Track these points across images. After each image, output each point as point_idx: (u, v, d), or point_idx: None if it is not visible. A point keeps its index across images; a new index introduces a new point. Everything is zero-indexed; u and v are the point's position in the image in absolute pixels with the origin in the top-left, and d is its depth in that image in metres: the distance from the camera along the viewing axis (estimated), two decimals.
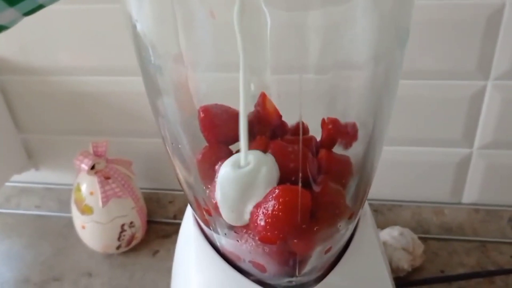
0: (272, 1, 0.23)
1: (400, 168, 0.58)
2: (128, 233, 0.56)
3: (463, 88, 0.52)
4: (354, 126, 0.30)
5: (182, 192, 0.34)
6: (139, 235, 0.59)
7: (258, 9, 0.24)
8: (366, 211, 0.34)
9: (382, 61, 0.28)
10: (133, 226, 0.57)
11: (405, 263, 0.52)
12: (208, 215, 0.28)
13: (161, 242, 0.61)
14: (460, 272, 0.54)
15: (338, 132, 0.29)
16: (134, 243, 0.59)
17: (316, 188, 0.26)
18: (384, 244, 0.53)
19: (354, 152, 0.29)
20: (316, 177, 0.27)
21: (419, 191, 0.59)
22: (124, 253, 0.59)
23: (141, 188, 0.61)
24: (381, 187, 0.59)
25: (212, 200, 0.27)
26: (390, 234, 0.54)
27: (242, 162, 0.26)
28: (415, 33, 0.49)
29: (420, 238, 0.55)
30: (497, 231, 0.58)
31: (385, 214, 0.60)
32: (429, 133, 0.55)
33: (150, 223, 0.63)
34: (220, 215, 0.27)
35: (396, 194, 0.60)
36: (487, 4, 0.47)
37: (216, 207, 0.27)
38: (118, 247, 0.57)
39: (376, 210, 0.60)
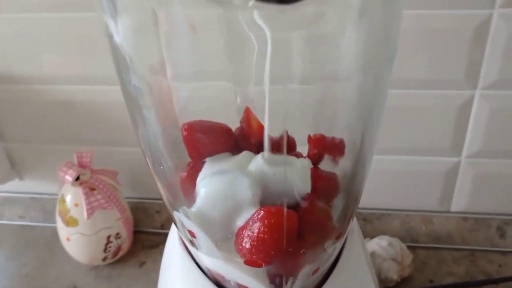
0: (256, 25, 0.22)
1: (389, 177, 0.58)
2: (114, 244, 0.55)
3: (451, 98, 0.51)
4: (341, 142, 0.29)
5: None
6: (126, 246, 0.58)
7: (241, 25, 0.24)
8: (353, 226, 0.33)
9: (370, 75, 0.27)
10: (119, 238, 0.56)
11: (394, 274, 0.51)
12: (191, 236, 0.28)
13: (147, 252, 0.60)
14: (449, 282, 0.53)
15: (325, 148, 0.29)
16: (120, 254, 0.58)
17: (303, 208, 0.26)
18: (373, 254, 0.53)
19: (342, 169, 0.29)
20: (303, 193, 0.27)
21: (408, 200, 0.59)
22: (110, 264, 0.58)
23: (128, 198, 0.60)
24: (370, 196, 0.59)
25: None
26: (379, 244, 0.53)
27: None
28: (404, 43, 0.48)
29: (408, 247, 0.55)
30: (486, 240, 0.58)
31: (374, 223, 0.60)
32: (418, 142, 0.55)
33: (137, 233, 0.62)
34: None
35: (385, 203, 0.59)
36: (474, 15, 0.47)
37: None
38: (104, 259, 0.56)
39: (365, 219, 0.60)
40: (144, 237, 0.62)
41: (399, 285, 0.52)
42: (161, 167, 0.29)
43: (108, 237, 0.54)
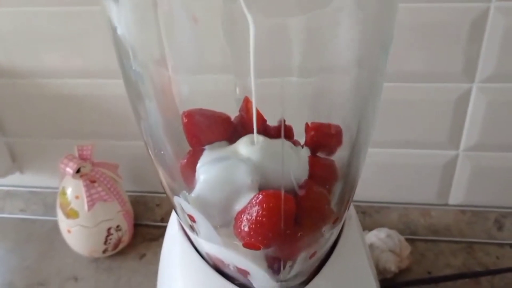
0: (254, 8, 0.23)
1: (388, 170, 0.58)
2: (114, 236, 0.56)
3: (449, 91, 0.52)
4: (338, 129, 0.29)
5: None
6: (126, 239, 0.58)
7: (242, 15, 0.24)
8: (351, 214, 0.33)
9: (366, 65, 0.28)
10: (120, 230, 0.56)
11: (392, 265, 0.52)
12: (191, 221, 0.28)
13: (148, 245, 0.61)
14: (446, 273, 0.54)
15: (322, 136, 0.29)
16: (120, 246, 0.58)
17: (300, 193, 0.26)
18: (371, 246, 0.53)
19: (338, 156, 0.29)
20: (300, 179, 0.27)
21: (406, 193, 0.60)
22: (111, 256, 0.58)
23: (128, 191, 0.61)
24: (368, 189, 0.60)
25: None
26: (377, 236, 0.54)
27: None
28: (401, 36, 0.49)
29: (407, 239, 0.56)
30: (484, 232, 0.58)
31: (373, 216, 0.60)
32: (416, 135, 0.55)
33: (137, 226, 0.62)
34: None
35: (383, 196, 0.60)
36: (472, 8, 0.47)
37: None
38: (104, 251, 0.56)
39: (364, 212, 0.60)
40: (144, 230, 0.63)
41: (397, 276, 0.53)
42: (162, 152, 0.29)
43: (109, 229, 0.55)
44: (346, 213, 0.30)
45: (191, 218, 0.28)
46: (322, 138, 0.30)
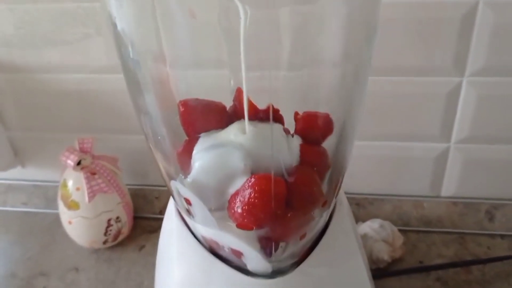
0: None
1: (381, 162, 0.59)
2: (114, 228, 0.57)
3: (439, 85, 0.53)
4: (327, 118, 0.31)
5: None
6: (126, 230, 0.60)
7: (235, 10, 0.26)
8: (342, 201, 0.35)
9: (351, 57, 0.29)
10: (120, 221, 0.58)
11: (385, 254, 0.53)
12: (187, 204, 0.29)
13: (147, 237, 0.62)
14: (438, 263, 0.55)
15: (311, 124, 0.30)
16: (120, 238, 0.59)
17: (290, 176, 0.28)
18: (365, 236, 0.54)
19: (327, 144, 0.31)
20: (290, 165, 0.29)
21: (399, 185, 0.61)
22: (111, 248, 0.60)
23: (128, 185, 0.62)
24: (362, 181, 0.61)
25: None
26: (371, 226, 0.55)
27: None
28: (393, 32, 0.50)
29: (400, 230, 0.57)
30: (475, 223, 0.60)
31: (366, 208, 0.62)
32: (408, 128, 0.56)
33: (137, 219, 0.64)
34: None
35: (377, 188, 0.61)
36: (461, 3, 0.48)
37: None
38: (104, 242, 0.58)
39: (358, 204, 0.62)
40: (143, 222, 0.64)
41: (390, 266, 0.54)
42: (159, 139, 0.31)
43: (109, 220, 0.56)
44: (335, 197, 0.32)
45: (187, 201, 0.29)
46: (312, 126, 0.31)
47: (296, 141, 0.31)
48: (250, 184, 0.27)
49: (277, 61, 0.28)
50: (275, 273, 0.31)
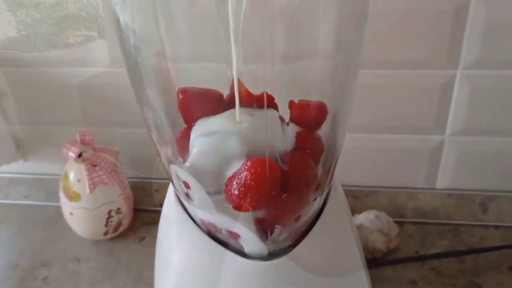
0: None
1: (377, 155, 0.60)
2: (115, 219, 0.58)
3: (434, 78, 0.54)
4: (321, 105, 0.32)
5: (168, 181, 0.36)
6: (126, 222, 0.61)
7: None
8: (337, 187, 0.36)
9: (342, 44, 0.30)
10: (120, 213, 0.59)
11: (380, 244, 0.54)
12: (186, 187, 0.30)
13: (147, 229, 0.63)
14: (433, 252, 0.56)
15: (305, 112, 0.32)
16: (121, 229, 0.60)
17: (285, 159, 0.29)
18: (361, 226, 0.55)
19: (320, 129, 0.32)
20: (285, 150, 0.30)
21: (395, 177, 0.62)
22: (111, 239, 0.61)
23: (128, 178, 0.63)
24: (358, 173, 0.62)
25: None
26: (367, 217, 0.56)
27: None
28: (387, 25, 0.51)
29: (396, 222, 0.58)
30: (469, 215, 0.61)
31: (363, 200, 0.63)
32: (403, 121, 0.57)
33: (137, 211, 0.65)
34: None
35: (373, 181, 0.62)
36: None
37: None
38: (105, 233, 0.59)
39: (355, 196, 0.63)
40: (143, 214, 0.65)
41: (386, 255, 0.55)
42: (159, 124, 0.32)
43: (109, 211, 0.57)
44: (329, 182, 0.33)
45: (186, 184, 0.30)
46: (306, 114, 0.32)
47: (292, 128, 0.32)
48: (246, 167, 0.28)
49: (271, 52, 0.29)
50: (271, 256, 0.32)
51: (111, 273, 0.56)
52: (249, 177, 0.27)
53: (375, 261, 0.55)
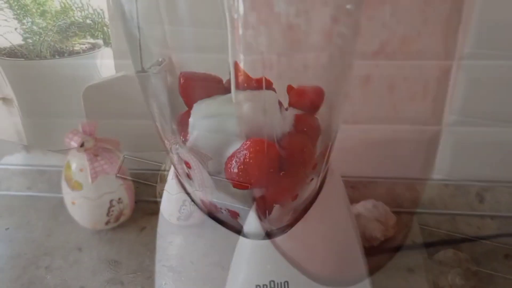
0: None
1: (375, 146, 0.61)
2: (116, 208, 0.59)
3: (430, 68, 0.55)
4: (318, 90, 0.33)
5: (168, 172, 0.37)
6: (127, 212, 0.61)
7: None
8: (333, 171, 0.37)
9: (338, 35, 0.31)
10: (121, 202, 0.60)
11: (378, 233, 0.55)
12: (187, 167, 0.31)
13: (148, 219, 0.64)
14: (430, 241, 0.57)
15: (303, 95, 0.32)
16: (122, 219, 0.61)
17: (283, 139, 0.30)
18: (359, 215, 0.56)
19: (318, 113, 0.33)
20: (283, 131, 0.31)
21: (393, 168, 0.63)
22: (113, 229, 0.62)
23: (129, 169, 0.64)
24: (357, 164, 0.63)
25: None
26: (364, 206, 0.57)
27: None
28: (383, 17, 0.52)
29: (393, 212, 0.59)
30: (466, 205, 0.62)
31: (361, 190, 0.63)
32: (400, 112, 0.58)
33: (138, 202, 0.65)
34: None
35: (371, 171, 0.63)
36: None
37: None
38: (107, 223, 0.60)
39: (353, 186, 0.63)
40: (144, 205, 0.66)
41: (383, 243, 0.56)
42: (163, 111, 0.32)
43: (111, 201, 0.58)
44: (325, 163, 0.34)
45: (187, 164, 0.31)
46: (304, 98, 0.33)
47: (291, 111, 0.33)
48: (245, 146, 0.29)
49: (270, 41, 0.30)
50: (268, 235, 0.32)
51: (112, 262, 0.57)
52: (248, 155, 0.28)
53: (372, 249, 0.55)
